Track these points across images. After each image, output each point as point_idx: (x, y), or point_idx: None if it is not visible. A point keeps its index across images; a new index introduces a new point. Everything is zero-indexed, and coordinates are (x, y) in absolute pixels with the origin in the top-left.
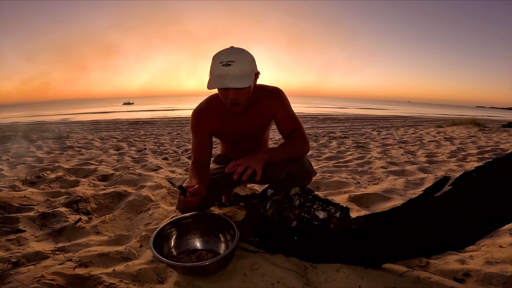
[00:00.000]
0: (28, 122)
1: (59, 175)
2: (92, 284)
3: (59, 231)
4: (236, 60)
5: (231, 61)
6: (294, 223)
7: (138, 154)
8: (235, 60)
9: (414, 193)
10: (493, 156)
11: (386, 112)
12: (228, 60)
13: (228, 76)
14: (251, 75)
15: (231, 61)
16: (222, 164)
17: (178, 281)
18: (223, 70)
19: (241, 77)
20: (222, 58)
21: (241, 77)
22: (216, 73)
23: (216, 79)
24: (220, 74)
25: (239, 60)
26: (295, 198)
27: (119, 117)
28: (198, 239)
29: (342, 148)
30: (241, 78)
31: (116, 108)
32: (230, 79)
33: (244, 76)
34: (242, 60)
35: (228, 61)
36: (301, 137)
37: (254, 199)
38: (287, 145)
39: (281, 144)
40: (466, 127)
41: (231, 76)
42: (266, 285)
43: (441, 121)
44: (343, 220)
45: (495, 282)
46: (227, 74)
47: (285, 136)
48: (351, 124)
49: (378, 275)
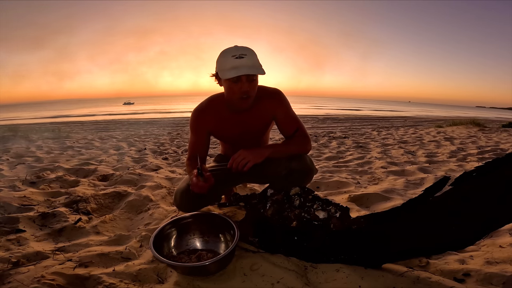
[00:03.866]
0: (27, 123)
1: (59, 175)
2: (92, 284)
3: (59, 231)
4: (248, 54)
5: (244, 54)
6: (294, 223)
7: (138, 154)
8: (246, 54)
9: (414, 193)
10: (493, 156)
11: (385, 113)
12: (240, 54)
13: (243, 66)
14: (261, 67)
15: (243, 54)
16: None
17: (178, 281)
18: (237, 62)
19: (256, 67)
20: (233, 52)
21: (256, 67)
22: (230, 65)
23: (231, 70)
24: (234, 66)
25: (250, 54)
26: (295, 198)
27: (119, 117)
28: (198, 239)
29: (342, 148)
30: (257, 68)
31: (116, 108)
32: (247, 68)
33: (257, 67)
34: (253, 53)
35: (240, 54)
36: (303, 135)
37: (254, 199)
38: (290, 142)
39: (284, 141)
40: (466, 127)
41: (246, 67)
42: (266, 285)
43: (441, 121)
44: (343, 220)
45: (495, 282)
46: (241, 66)
47: (287, 137)
48: (351, 124)
49: (378, 275)
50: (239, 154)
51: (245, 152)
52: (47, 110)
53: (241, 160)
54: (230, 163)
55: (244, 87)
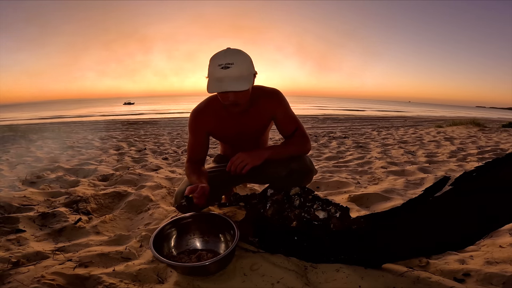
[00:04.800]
0: (27, 123)
1: (59, 175)
2: (92, 284)
3: (59, 231)
4: (235, 62)
5: (230, 63)
6: (294, 223)
7: (138, 154)
8: (233, 63)
9: (414, 193)
10: (493, 156)
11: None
12: (226, 63)
13: (226, 79)
14: (249, 77)
15: (229, 63)
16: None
17: (178, 281)
18: (222, 73)
19: (240, 80)
20: (220, 60)
21: (240, 80)
22: (215, 76)
23: (215, 82)
24: (219, 77)
25: (237, 62)
26: (295, 198)
27: (119, 117)
28: (198, 239)
29: (342, 148)
30: (240, 81)
31: (116, 108)
32: (229, 82)
33: (243, 79)
34: (241, 62)
35: (226, 64)
36: (302, 135)
37: (254, 199)
38: (289, 143)
39: (283, 142)
40: (466, 127)
41: (229, 79)
42: (266, 285)
43: (441, 121)
44: (343, 220)
45: (495, 282)
46: (226, 77)
47: (286, 137)
48: (351, 124)
49: (378, 275)
50: (238, 157)
51: (243, 155)
52: (47, 110)
53: (240, 163)
54: (228, 166)
55: (230, 98)
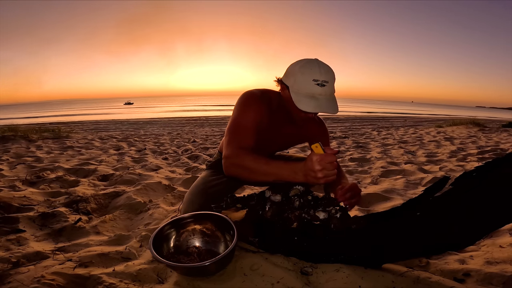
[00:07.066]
0: (27, 123)
1: (59, 175)
2: (92, 284)
3: (59, 231)
4: (329, 81)
5: (326, 81)
6: (294, 224)
7: (138, 154)
8: (328, 81)
9: (414, 193)
10: (493, 156)
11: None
12: (323, 80)
13: (322, 98)
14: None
15: (325, 81)
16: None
17: (178, 281)
18: (318, 90)
19: (334, 100)
20: (316, 75)
21: (334, 100)
22: (309, 91)
23: (309, 99)
24: (313, 95)
25: (331, 80)
26: (294, 199)
27: (119, 117)
28: (198, 239)
29: (342, 148)
30: (334, 102)
31: (116, 108)
32: (326, 102)
33: (335, 99)
34: (333, 79)
35: (323, 81)
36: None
37: (252, 200)
38: (341, 173)
39: (340, 173)
40: (466, 127)
41: (325, 99)
42: (266, 285)
43: (441, 121)
44: (343, 220)
45: (495, 282)
46: (321, 96)
47: None
48: (351, 124)
49: (378, 275)
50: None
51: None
52: (47, 110)
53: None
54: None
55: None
